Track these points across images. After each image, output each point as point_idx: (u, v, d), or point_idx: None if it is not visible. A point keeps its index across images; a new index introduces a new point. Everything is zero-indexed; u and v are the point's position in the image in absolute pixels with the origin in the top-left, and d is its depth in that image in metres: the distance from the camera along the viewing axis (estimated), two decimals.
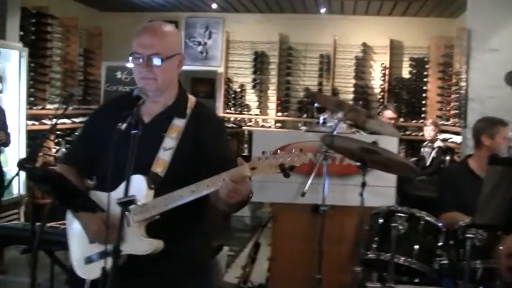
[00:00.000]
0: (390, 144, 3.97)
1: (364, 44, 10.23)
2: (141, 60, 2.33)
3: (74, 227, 2.46)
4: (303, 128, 9.95)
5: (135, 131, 2.11)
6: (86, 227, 2.38)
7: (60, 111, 3.84)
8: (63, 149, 8.22)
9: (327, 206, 3.87)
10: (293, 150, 2.11)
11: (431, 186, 6.84)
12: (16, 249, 5.04)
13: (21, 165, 2.16)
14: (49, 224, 4.67)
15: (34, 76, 8.15)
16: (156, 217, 2.25)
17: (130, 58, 2.37)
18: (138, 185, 2.20)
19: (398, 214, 3.54)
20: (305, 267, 4.20)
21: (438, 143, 7.90)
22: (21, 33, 7.76)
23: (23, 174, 7.09)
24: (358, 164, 3.60)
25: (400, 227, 3.48)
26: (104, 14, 10.82)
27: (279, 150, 2.14)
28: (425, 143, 8.00)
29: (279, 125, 10.42)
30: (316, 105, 5.10)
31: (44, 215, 4.03)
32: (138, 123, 2.13)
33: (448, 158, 7.64)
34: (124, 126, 2.09)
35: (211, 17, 10.68)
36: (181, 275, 2.42)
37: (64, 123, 8.64)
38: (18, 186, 7.20)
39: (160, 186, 2.28)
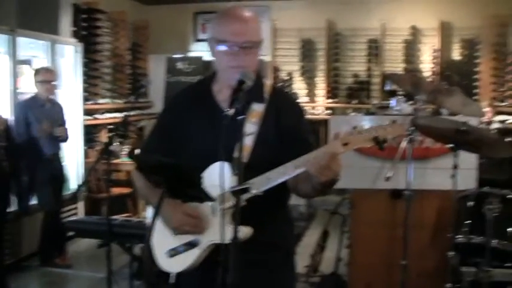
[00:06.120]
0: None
1: (413, 27, 10.01)
2: (234, 49, 2.26)
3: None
4: (353, 114, 9.84)
5: (242, 116, 2.04)
6: (167, 219, 2.32)
7: (128, 104, 3.81)
8: (116, 143, 8.22)
9: (410, 190, 3.77)
10: (387, 122, 2.03)
11: (492, 168, 6.70)
12: (98, 243, 5.04)
13: (132, 155, 2.11)
14: (121, 217, 4.71)
15: (86, 71, 8.19)
16: (242, 204, 2.15)
17: (217, 46, 2.29)
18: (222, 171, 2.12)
19: (492, 196, 3.43)
20: (386, 254, 4.14)
21: (496, 125, 7.73)
22: (73, 29, 7.82)
23: (80, 169, 7.21)
24: (451, 146, 3.49)
25: (495, 210, 3.38)
26: (149, 7, 10.80)
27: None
28: (481, 126, 7.82)
29: (328, 112, 10.29)
30: (387, 88, 4.98)
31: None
32: (244, 109, 2.07)
33: (508, 139, 7.45)
34: (232, 111, 2.03)
35: (256, 5, 10.56)
36: (272, 263, 2.38)
37: (115, 118, 8.67)
38: (76, 181, 7.25)
39: (243, 171, 2.18)
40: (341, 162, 2.05)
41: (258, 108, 2.35)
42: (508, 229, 3.51)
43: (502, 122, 8.14)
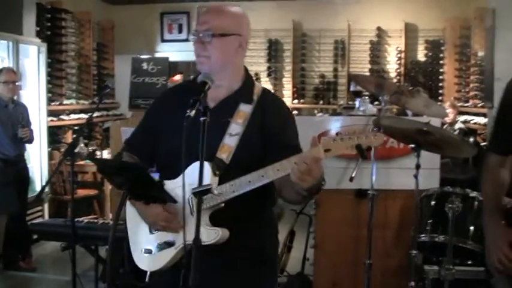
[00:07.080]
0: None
1: (379, 28, 10.14)
2: (195, 37, 2.28)
3: (134, 218, 2.38)
4: (319, 114, 9.90)
5: (204, 118, 2.03)
6: (145, 215, 2.30)
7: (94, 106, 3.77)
8: (82, 144, 8.14)
9: (374, 190, 3.81)
10: (370, 130, 2.04)
11: (456, 168, 6.79)
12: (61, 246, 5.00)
13: (92, 157, 2.09)
14: (86, 220, 4.67)
15: (51, 72, 8.10)
16: (221, 205, 2.15)
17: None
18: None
19: (454, 195, 3.49)
20: (351, 253, 4.18)
21: (459, 125, 7.84)
22: (37, 28, 7.72)
23: (44, 171, 7.13)
24: (412, 146, 3.53)
25: (456, 209, 3.43)
26: (115, 7, 10.73)
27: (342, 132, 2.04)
28: (445, 126, 7.92)
29: (295, 112, 10.32)
30: (352, 89, 5.04)
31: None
32: (206, 110, 2.05)
33: (471, 139, 7.56)
34: (193, 113, 2.01)
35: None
36: (250, 266, 2.34)
37: (81, 119, 8.59)
38: (41, 183, 7.17)
39: (225, 172, 2.19)
40: (322, 168, 2.01)
41: (245, 109, 2.32)
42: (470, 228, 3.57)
43: (466, 122, 8.26)
